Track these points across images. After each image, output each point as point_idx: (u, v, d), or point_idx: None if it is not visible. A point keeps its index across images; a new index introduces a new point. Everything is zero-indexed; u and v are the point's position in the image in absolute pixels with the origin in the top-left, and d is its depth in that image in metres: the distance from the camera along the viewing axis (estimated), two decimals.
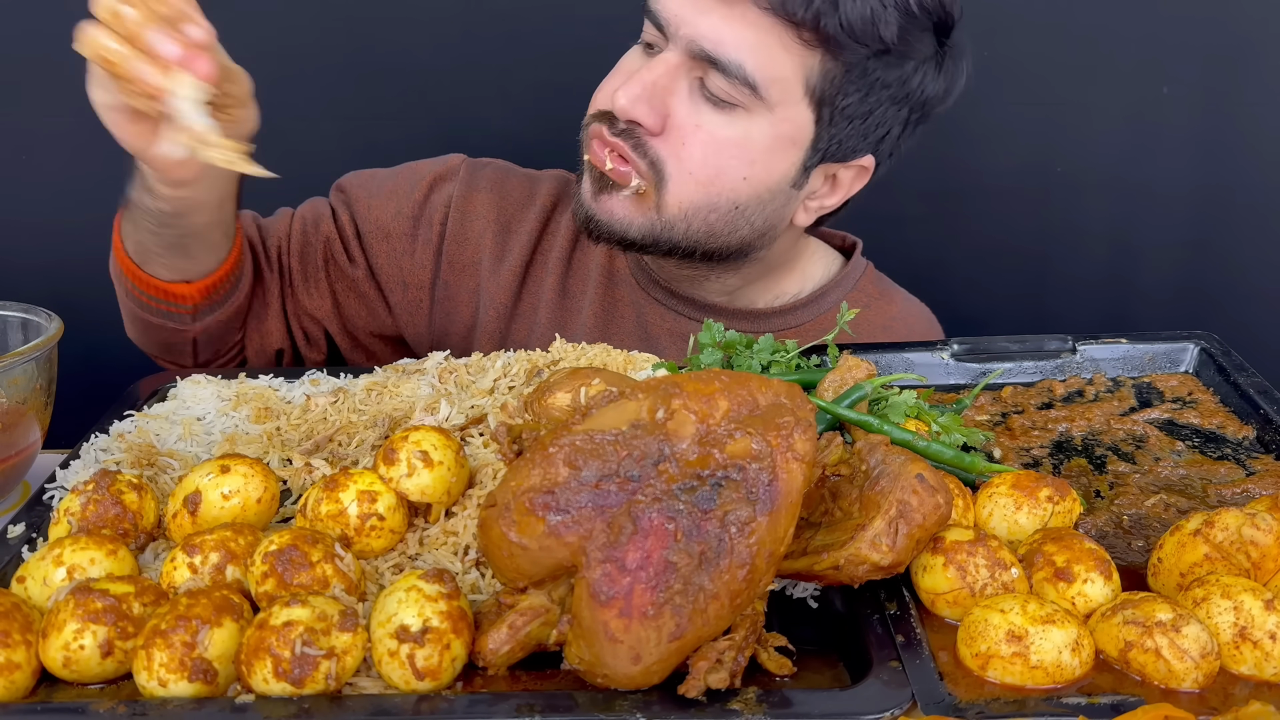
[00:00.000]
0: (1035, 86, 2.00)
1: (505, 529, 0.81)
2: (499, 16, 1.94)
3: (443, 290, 1.55)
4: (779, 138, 1.30)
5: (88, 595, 0.82)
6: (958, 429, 1.11)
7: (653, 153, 1.30)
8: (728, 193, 1.32)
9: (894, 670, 0.82)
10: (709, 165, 1.30)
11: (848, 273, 1.55)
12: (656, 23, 1.29)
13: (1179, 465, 1.12)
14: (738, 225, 1.35)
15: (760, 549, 0.80)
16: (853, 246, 1.59)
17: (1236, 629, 0.83)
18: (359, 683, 0.82)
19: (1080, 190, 2.06)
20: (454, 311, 1.55)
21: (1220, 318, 2.06)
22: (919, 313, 1.59)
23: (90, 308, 1.53)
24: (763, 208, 1.35)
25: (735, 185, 1.32)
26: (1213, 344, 1.31)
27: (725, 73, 1.25)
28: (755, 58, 1.25)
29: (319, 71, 1.94)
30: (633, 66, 1.33)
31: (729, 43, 1.24)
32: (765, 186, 1.33)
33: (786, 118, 1.29)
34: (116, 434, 1.15)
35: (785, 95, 1.28)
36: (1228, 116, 2.00)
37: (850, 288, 1.54)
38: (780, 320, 1.51)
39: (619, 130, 1.31)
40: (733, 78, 1.25)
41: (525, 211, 1.55)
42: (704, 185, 1.31)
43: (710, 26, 1.24)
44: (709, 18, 1.24)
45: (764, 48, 1.24)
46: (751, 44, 1.24)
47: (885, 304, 1.55)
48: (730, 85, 1.26)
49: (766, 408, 0.85)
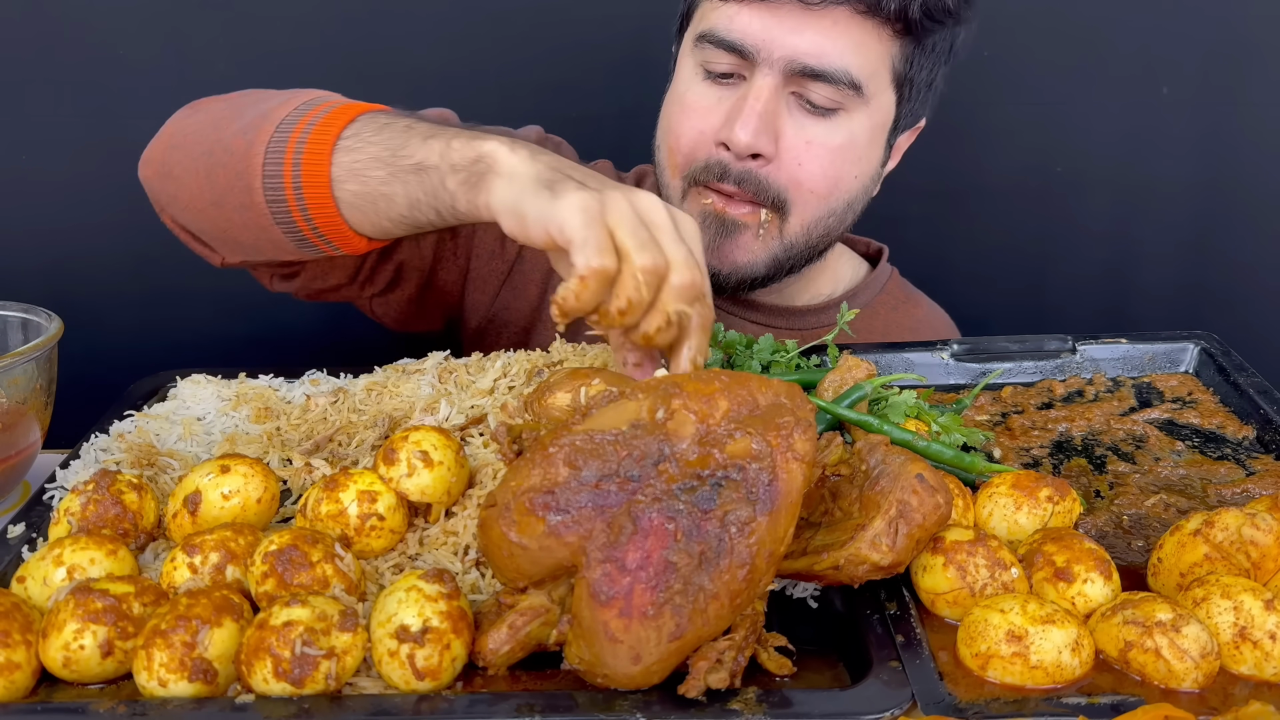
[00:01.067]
0: (1035, 86, 2.00)
1: (505, 529, 0.81)
2: (499, 16, 1.94)
3: (520, 265, 1.53)
4: (875, 127, 1.34)
5: (88, 595, 0.82)
6: (958, 429, 1.11)
7: (773, 184, 1.31)
8: (844, 195, 1.35)
9: (894, 670, 0.82)
10: (828, 177, 1.32)
11: (877, 275, 1.58)
12: (737, 50, 1.27)
13: (1179, 465, 1.12)
14: (847, 220, 1.40)
15: (760, 549, 0.80)
16: (878, 253, 1.62)
17: (1236, 629, 0.83)
18: (359, 683, 0.82)
19: (1080, 190, 2.06)
20: (522, 288, 1.53)
21: (1220, 317, 2.06)
22: (941, 317, 1.64)
23: (90, 308, 1.53)
24: (865, 195, 1.40)
25: (849, 186, 1.35)
26: (1213, 344, 1.31)
27: (833, 82, 1.26)
28: (857, 60, 1.27)
29: (320, 72, 1.94)
30: (707, 102, 1.31)
31: (831, 53, 1.25)
32: (869, 177, 1.38)
33: (879, 107, 1.32)
34: (116, 434, 1.15)
35: (879, 86, 1.31)
36: (1227, 116, 2.00)
37: (878, 290, 1.58)
38: (814, 318, 1.53)
39: (739, 176, 1.30)
40: (840, 84, 1.26)
41: None
42: (825, 197, 1.33)
43: (810, 42, 1.25)
44: (806, 34, 1.25)
45: (862, 48, 1.27)
46: (852, 48, 1.26)
47: (912, 307, 1.59)
48: (836, 91, 1.27)
49: (766, 408, 0.85)
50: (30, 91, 1.90)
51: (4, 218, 1.97)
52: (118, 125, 1.92)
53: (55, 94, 1.90)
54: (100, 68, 1.89)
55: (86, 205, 1.92)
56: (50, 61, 1.88)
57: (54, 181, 1.96)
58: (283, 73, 1.92)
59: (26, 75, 1.89)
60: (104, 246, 1.44)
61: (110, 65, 1.89)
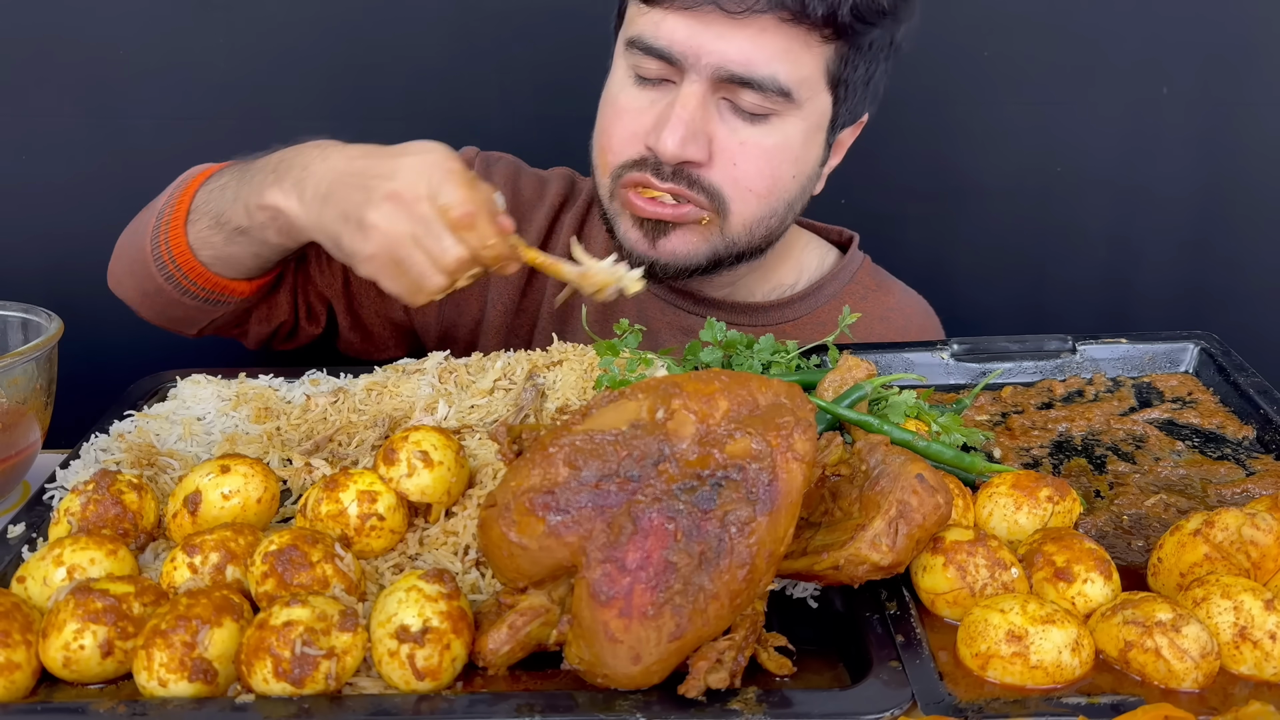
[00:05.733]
0: (1035, 86, 2.00)
1: (505, 529, 0.81)
2: (499, 16, 1.94)
3: None
4: (810, 129, 1.33)
5: (88, 595, 0.82)
6: (958, 429, 1.11)
7: (707, 183, 1.30)
8: (783, 195, 1.35)
9: (894, 670, 0.82)
10: (765, 177, 1.32)
11: (845, 265, 1.56)
12: (663, 56, 1.27)
13: (1179, 465, 1.12)
14: (787, 219, 1.40)
15: (760, 549, 0.80)
16: (849, 241, 1.60)
17: (1236, 629, 0.83)
18: (359, 683, 0.82)
19: (1080, 190, 2.06)
20: (463, 303, 1.56)
21: (1220, 317, 2.05)
22: (916, 304, 1.60)
23: (90, 308, 1.53)
24: (804, 194, 1.40)
25: (788, 186, 1.35)
26: (1213, 344, 1.31)
27: (761, 89, 1.26)
28: (785, 67, 1.26)
29: (319, 72, 1.93)
30: (638, 105, 1.32)
31: (758, 60, 1.24)
32: (808, 176, 1.38)
33: (813, 109, 1.32)
34: (116, 434, 1.15)
35: (811, 90, 1.30)
36: (1227, 116, 2.00)
37: (848, 280, 1.55)
38: (778, 313, 1.52)
39: (671, 174, 1.30)
40: (768, 91, 1.26)
41: (535, 210, 1.56)
42: (764, 197, 1.33)
43: (736, 49, 1.24)
44: (733, 41, 1.24)
45: (790, 55, 1.26)
46: (779, 55, 1.25)
47: (883, 295, 1.56)
48: (764, 98, 1.26)
49: (766, 408, 0.85)
50: (30, 92, 1.90)
51: (4, 218, 1.97)
52: (118, 125, 1.92)
53: (55, 94, 1.89)
54: (100, 68, 1.88)
55: (87, 205, 1.92)
56: (51, 62, 1.88)
57: (54, 182, 1.96)
58: (283, 73, 1.92)
59: (27, 76, 1.89)
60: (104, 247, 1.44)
61: (110, 65, 1.89)
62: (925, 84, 1.93)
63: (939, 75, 1.96)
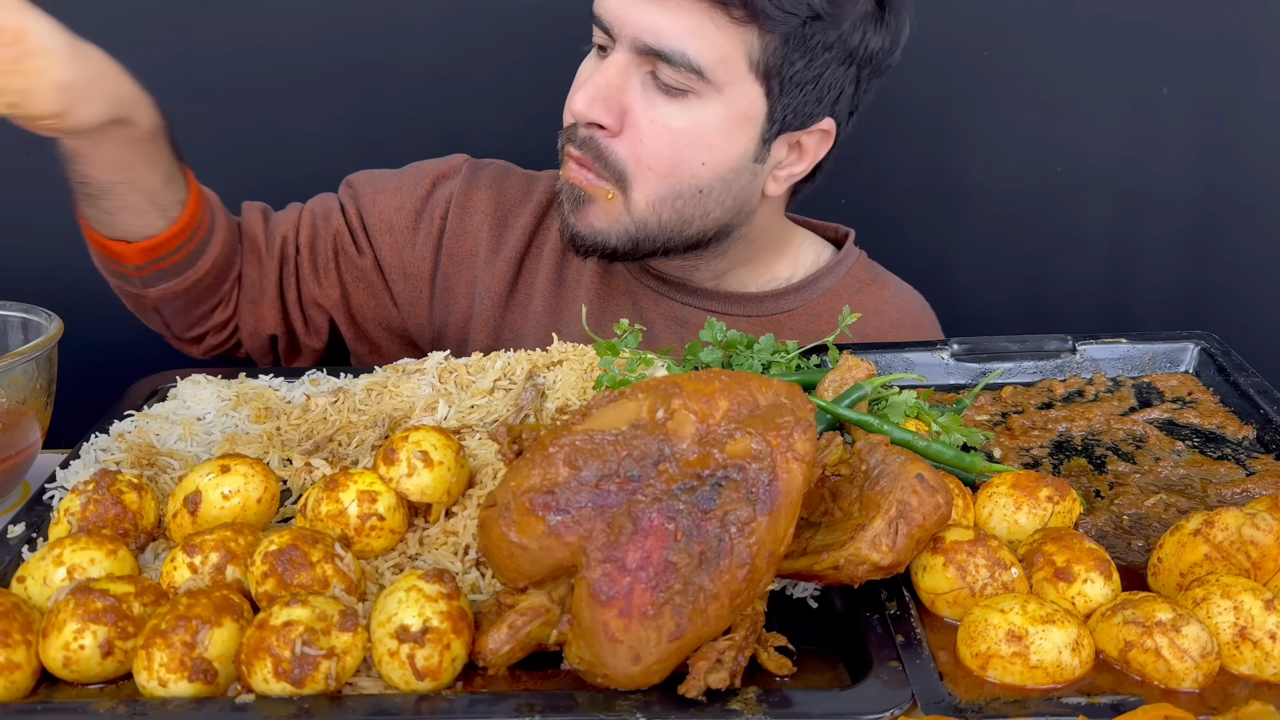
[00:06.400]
0: (1035, 86, 2.00)
1: (505, 529, 0.81)
2: (498, 16, 1.94)
3: (442, 282, 1.59)
4: (732, 117, 1.33)
5: (88, 595, 0.82)
6: (958, 429, 1.11)
7: (613, 157, 1.34)
8: (689, 179, 1.35)
9: (894, 670, 0.82)
10: (666, 157, 1.33)
11: (840, 259, 1.57)
12: (602, 26, 1.33)
13: (1179, 465, 1.12)
14: (707, 207, 1.39)
15: (760, 549, 0.80)
16: (845, 238, 1.61)
17: (1236, 629, 0.83)
18: (359, 683, 0.82)
19: (1080, 191, 2.06)
20: (452, 303, 1.59)
21: (1220, 318, 2.06)
22: (911, 297, 1.61)
23: (90, 308, 1.53)
24: (728, 187, 1.38)
25: (695, 171, 1.35)
26: (1213, 344, 1.31)
27: (671, 62, 1.29)
28: (696, 43, 1.28)
29: (320, 72, 1.94)
30: (587, 73, 1.37)
31: (669, 33, 1.28)
32: (726, 166, 1.36)
33: (737, 96, 1.32)
34: (116, 434, 1.15)
35: (732, 74, 1.31)
36: (1227, 117, 2.00)
37: (843, 274, 1.56)
38: (773, 304, 1.53)
39: (581, 141, 1.34)
40: (679, 66, 1.28)
41: (522, 207, 1.59)
42: (665, 177, 1.34)
43: (650, 20, 1.28)
44: (647, 12, 1.28)
45: (701, 32, 1.28)
46: (690, 30, 1.28)
47: (878, 289, 1.57)
48: (678, 73, 1.29)
49: (766, 408, 0.85)
50: None
51: (4, 218, 1.97)
52: None
53: None
54: None
55: None
56: None
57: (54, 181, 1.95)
58: (283, 72, 1.92)
59: None
60: None
61: None
62: (925, 84, 1.94)
63: (938, 75, 1.96)
